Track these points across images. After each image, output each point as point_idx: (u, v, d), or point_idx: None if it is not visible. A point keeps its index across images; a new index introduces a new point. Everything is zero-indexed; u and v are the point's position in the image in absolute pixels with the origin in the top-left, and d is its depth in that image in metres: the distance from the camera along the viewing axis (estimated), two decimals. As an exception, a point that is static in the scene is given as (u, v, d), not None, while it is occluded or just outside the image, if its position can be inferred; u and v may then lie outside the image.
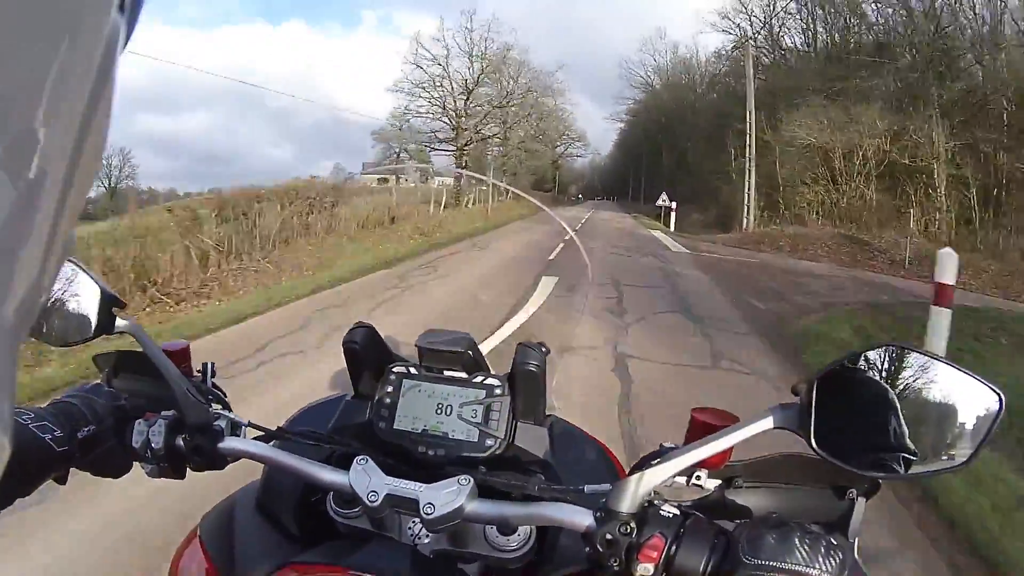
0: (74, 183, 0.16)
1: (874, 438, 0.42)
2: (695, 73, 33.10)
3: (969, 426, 0.41)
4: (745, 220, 17.29)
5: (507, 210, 19.05)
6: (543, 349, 0.64)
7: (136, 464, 0.63)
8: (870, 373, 0.43)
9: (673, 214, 19.97)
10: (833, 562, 0.41)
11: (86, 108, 0.16)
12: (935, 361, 0.42)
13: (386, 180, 21.96)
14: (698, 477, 0.51)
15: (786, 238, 14.14)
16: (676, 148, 32.89)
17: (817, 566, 0.40)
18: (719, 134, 23.19)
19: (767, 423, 0.44)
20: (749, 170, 17.37)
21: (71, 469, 0.58)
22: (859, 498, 0.48)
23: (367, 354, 0.68)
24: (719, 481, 0.51)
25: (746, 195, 17.44)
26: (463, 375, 0.66)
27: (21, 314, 0.15)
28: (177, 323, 4.71)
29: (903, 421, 0.42)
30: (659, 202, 20.75)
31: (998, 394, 0.41)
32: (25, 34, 0.13)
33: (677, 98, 34.58)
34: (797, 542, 0.41)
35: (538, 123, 31.01)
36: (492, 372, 0.67)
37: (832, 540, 0.42)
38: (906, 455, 0.42)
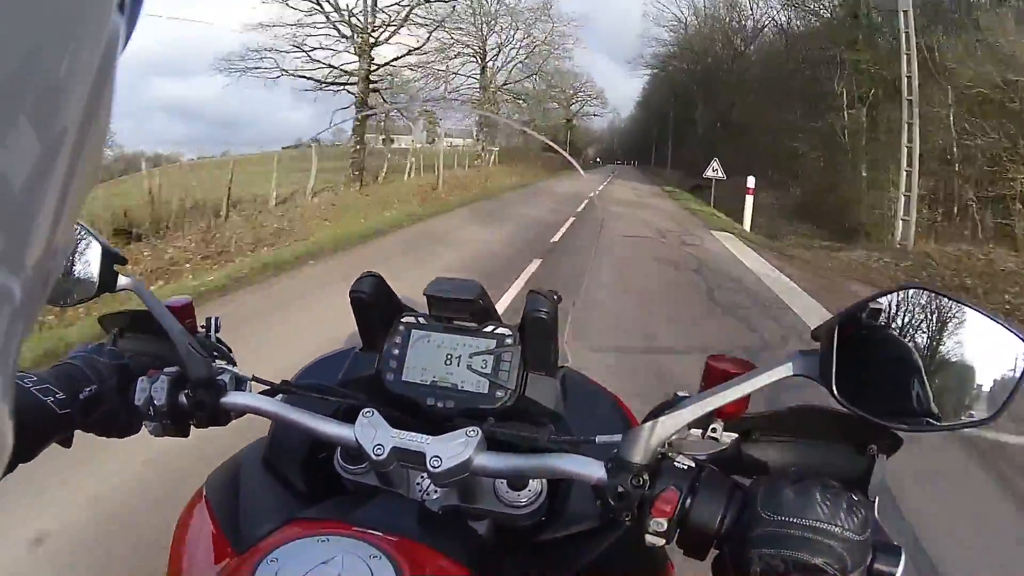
0: (74, 181, 0.16)
1: (897, 388, 0.41)
2: (744, 9, 25.63)
3: (996, 376, 0.39)
4: (900, 226, 9.13)
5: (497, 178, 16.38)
6: (555, 297, 0.63)
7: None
8: (893, 318, 0.41)
9: (712, 192, 13.79)
10: (855, 519, 0.39)
11: (86, 108, 0.16)
12: (961, 306, 0.40)
13: (391, 140, 20.39)
14: (714, 430, 0.49)
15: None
16: (716, 102, 26.26)
17: (839, 522, 0.39)
18: (793, 81, 16.48)
19: (786, 370, 0.43)
20: (911, 134, 8.82)
21: (76, 432, 0.58)
22: (880, 455, 0.46)
23: (375, 304, 0.67)
24: (735, 435, 0.49)
25: (903, 180, 9.02)
26: (473, 324, 0.65)
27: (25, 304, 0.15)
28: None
29: (927, 371, 0.40)
30: (708, 172, 13.37)
31: None
32: (25, 34, 0.13)
33: (719, 39, 27.62)
34: (818, 497, 0.40)
35: (528, 57, 25.44)
36: (503, 321, 0.66)
37: (853, 496, 0.40)
38: (929, 408, 0.40)
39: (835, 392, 0.41)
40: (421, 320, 0.67)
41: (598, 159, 63.98)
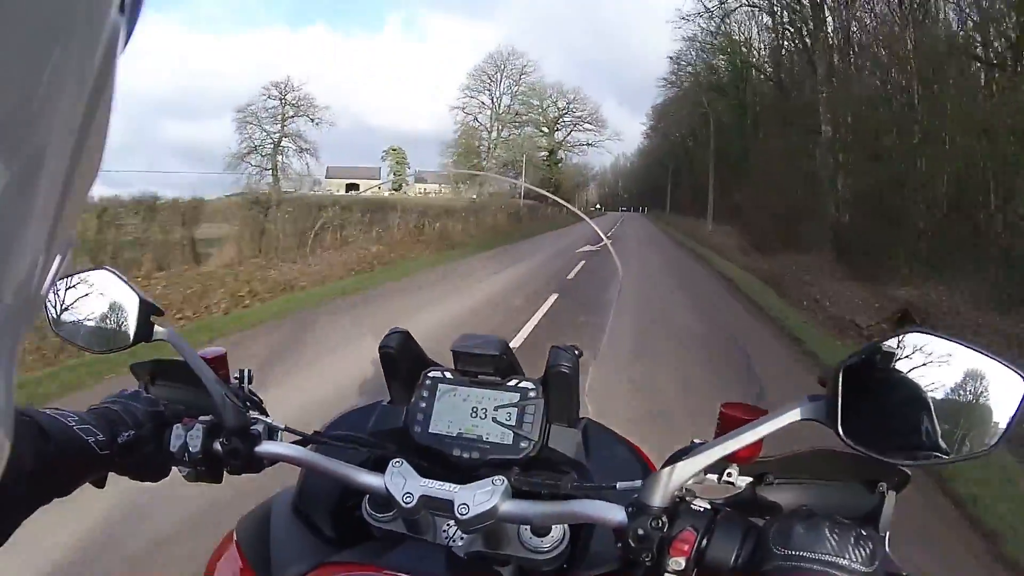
0: (75, 182, 0.17)
1: (902, 427, 0.44)
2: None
3: (995, 409, 0.42)
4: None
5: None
6: (576, 352, 0.67)
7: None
8: (894, 361, 0.44)
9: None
10: (863, 552, 0.42)
11: (86, 108, 0.16)
12: (958, 345, 0.43)
13: (356, 187, 20.67)
14: (729, 474, 0.52)
15: None
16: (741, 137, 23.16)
17: (847, 556, 0.41)
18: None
19: (794, 415, 0.46)
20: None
21: (110, 473, 0.60)
22: (889, 491, 0.49)
23: (403, 359, 0.70)
24: (750, 479, 0.52)
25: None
26: (497, 379, 0.68)
27: (19, 305, 0.15)
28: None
29: (930, 408, 0.43)
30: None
31: (1022, 376, 0.42)
32: (25, 34, 0.13)
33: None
34: (827, 532, 0.42)
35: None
36: (525, 375, 0.69)
37: (862, 531, 0.43)
38: (934, 442, 0.43)
39: (841, 434, 0.43)
40: (447, 375, 0.70)
41: (599, 205, 59.00)
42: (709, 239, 18.13)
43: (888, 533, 0.47)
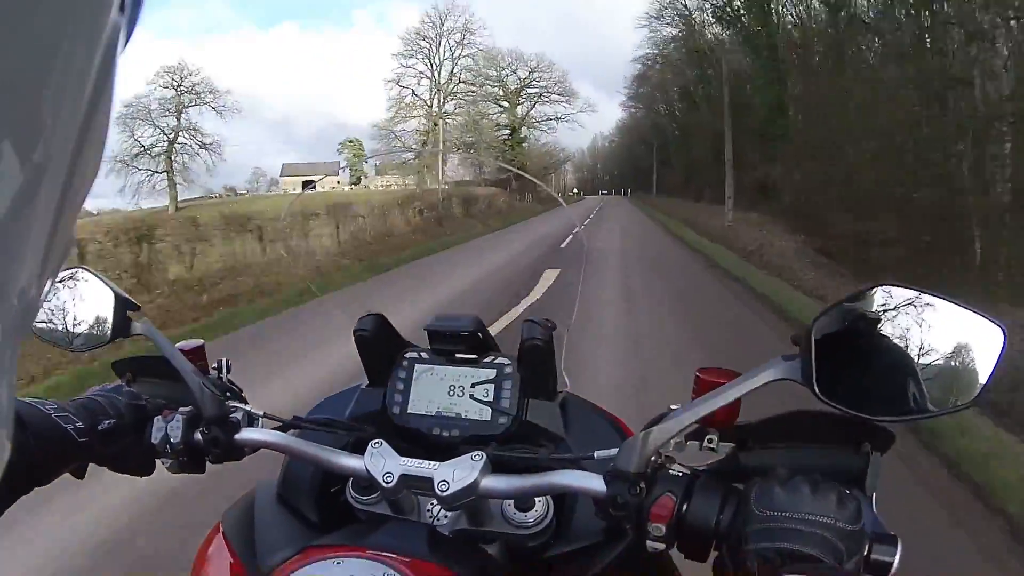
0: (75, 181, 0.17)
1: (880, 383, 0.43)
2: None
3: (974, 362, 0.41)
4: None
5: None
6: (549, 324, 0.67)
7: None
8: (868, 316, 0.43)
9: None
10: (847, 511, 0.42)
11: (86, 108, 0.16)
12: (932, 297, 0.42)
13: (311, 183, 20.14)
14: (710, 440, 0.52)
15: None
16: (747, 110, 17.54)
17: (830, 514, 0.41)
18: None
19: (769, 375, 0.45)
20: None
21: (91, 464, 0.61)
22: (874, 452, 0.48)
23: (378, 342, 0.71)
24: (731, 444, 0.52)
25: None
26: (473, 356, 0.69)
27: (23, 307, 0.16)
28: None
29: (908, 363, 0.42)
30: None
31: (1001, 327, 0.41)
32: (25, 34, 0.14)
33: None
34: (808, 491, 0.42)
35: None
36: (501, 351, 0.69)
37: (845, 490, 0.43)
38: (915, 397, 0.42)
39: (817, 392, 0.43)
40: (423, 355, 0.71)
41: (576, 189, 56.37)
42: (734, 237, 11.38)
43: (875, 494, 0.47)
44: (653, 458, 0.49)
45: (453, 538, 0.60)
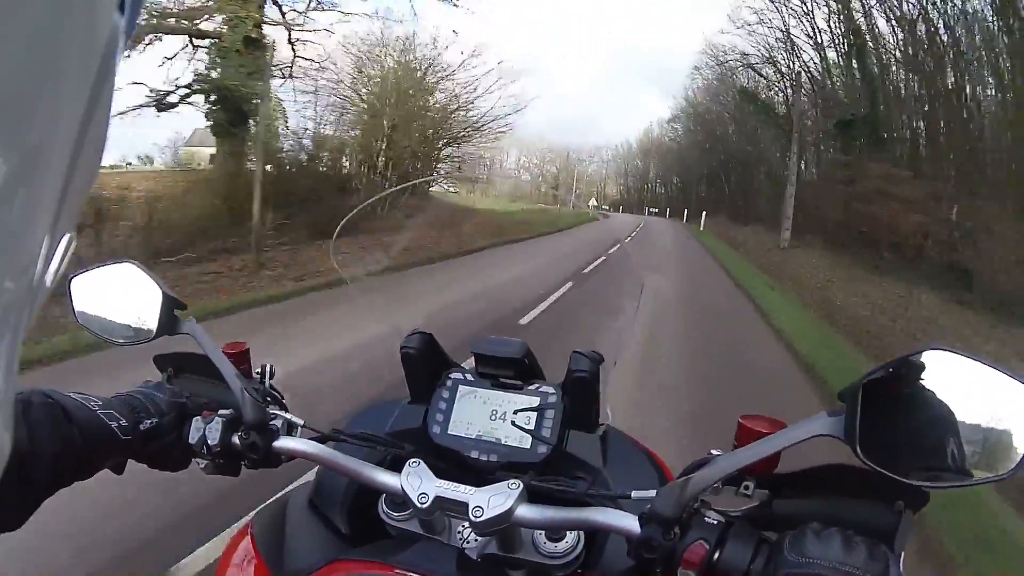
0: (75, 180, 0.17)
1: (921, 447, 0.44)
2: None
3: (1016, 432, 0.42)
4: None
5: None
6: (597, 357, 0.68)
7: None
8: (915, 379, 0.44)
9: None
10: (878, 564, 0.43)
11: (86, 107, 0.17)
12: (980, 365, 0.43)
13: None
14: (746, 487, 0.53)
15: None
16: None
17: (861, 566, 0.43)
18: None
19: (812, 430, 0.47)
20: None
21: (129, 460, 0.62)
22: (907, 510, 0.49)
23: (424, 360, 0.73)
24: (766, 492, 0.53)
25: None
26: (518, 382, 0.70)
27: (20, 291, 0.16)
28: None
29: (950, 428, 0.43)
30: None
31: None
32: (25, 34, 0.14)
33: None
34: (841, 542, 0.44)
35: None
36: (546, 380, 0.71)
37: (877, 546, 0.45)
38: (954, 464, 0.43)
39: (859, 452, 0.44)
40: (468, 376, 0.73)
41: (596, 203, 48.21)
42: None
43: (903, 554, 0.48)
44: (690, 503, 0.50)
45: (481, 563, 0.61)
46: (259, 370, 0.72)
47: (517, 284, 7.90)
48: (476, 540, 0.64)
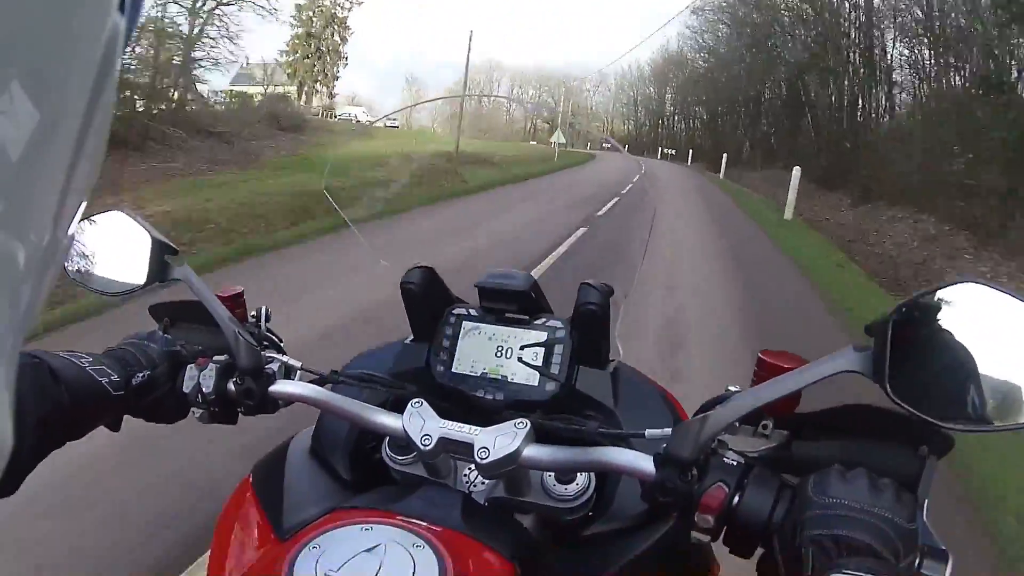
0: (75, 180, 0.17)
1: (950, 387, 0.43)
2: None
3: None
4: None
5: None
6: (606, 289, 0.66)
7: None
8: (948, 314, 0.42)
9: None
10: (904, 509, 0.42)
11: (87, 107, 0.17)
12: (1019, 302, 0.41)
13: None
14: (764, 426, 0.52)
15: None
16: None
17: (888, 507, 0.42)
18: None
19: (839, 366, 0.45)
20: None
21: (125, 416, 0.62)
22: (930, 456, 0.48)
23: (426, 296, 0.71)
24: (785, 432, 0.52)
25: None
26: (524, 316, 0.69)
27: (39, 250, 0.16)
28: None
29: (982, 368, 0.41)
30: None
31: None
32: (25, 34, 0.14)
33: None
34: (868, 484, 0.43)
35: None
36: (554, 314, 0.69)
37: (903, 489, 0.43)
38: (983, 406, 0.42)
39: (888, 391, 0.43)
40: (472, 312, 0.71)
41: (560, 140, 29.99)
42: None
43: (927, 501, 0.47)
44: (707, 443, 0.48)
45: (488, 508, 0.60)
46: (254, 313, 0.71)
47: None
48: (483, 483, 0.63)
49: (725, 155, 24.05)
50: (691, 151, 36.39)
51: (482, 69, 64.01)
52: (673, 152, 41.39)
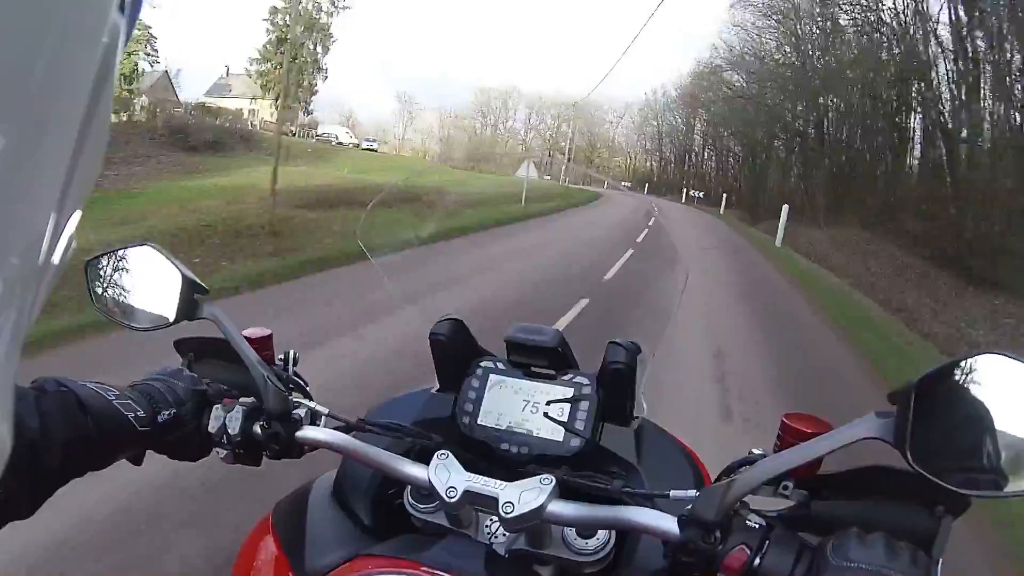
0: (75, 180, 0.18)
1: (967, 453, 0.45)
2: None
3: None
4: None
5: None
6: (634, 348, 0.68)
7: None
8: (969, 384, 0.44)
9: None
10: (920, 572, 0.44)
11: (87, 107, 0.17)
12: None
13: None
14: (785, 487, 0.54)
15: None
16: None
17: (905, 572, 0.44)
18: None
19: (861, 432, 0.47)
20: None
21: (148, 451, 0.64)
22: (946, 515, 0.50)
23: (454, 347, 0.74)
24: (805, 492, 0.55)
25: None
26: (551, 372, 0.71)
27: (26, 271, 0.17)
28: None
29: (1001, 435, 0.43)
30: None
31: None
32: (26, 34, 0.14)
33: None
34: (884, 547, 0.45)
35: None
36: (580, 370, 0.72)
37: (919, 551, 0.46)
38: (999, 473, 0.44)
39: (909, 458, 0.45)
40: (500, 365, 0.73)
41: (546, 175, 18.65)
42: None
43: (941, 560, 0.49)
44: (731, 505, 0.51)
45: (509, 560, 0.63)
46: (282, 356, 0.74)
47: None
48: (504, 535, 0.66)
49: (786, 207, 15.47)
50: (725, 195, 28.36)
51: (499, 93, 58.51)
52: (701, 194, 34.74)
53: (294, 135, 28.46)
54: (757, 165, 27.71)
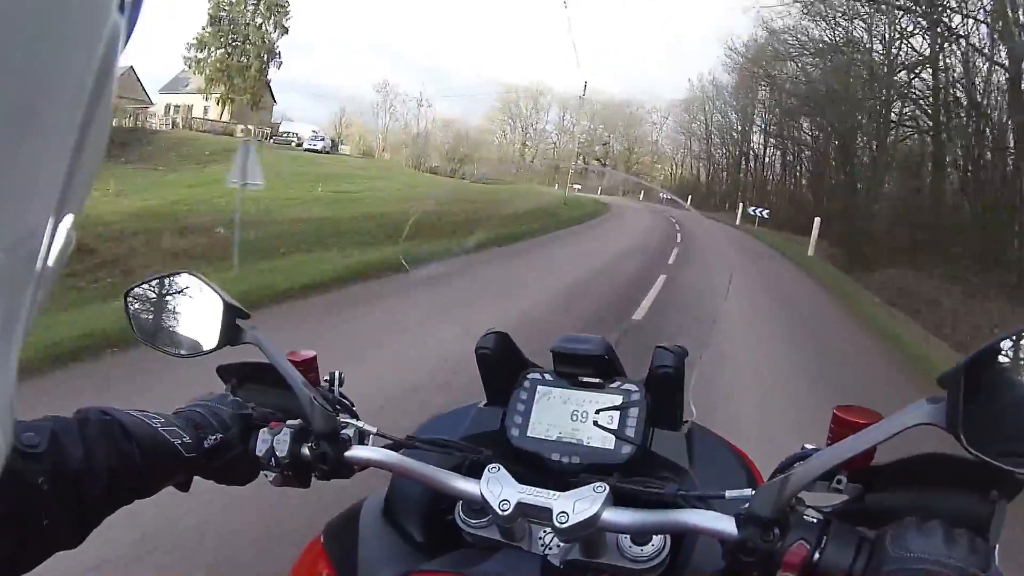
0: (75, 180, 0.20)
1: (1019, 431, 0.50)
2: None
3: None
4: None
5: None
6: (681, 351, 0.77)
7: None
8: (1017, 360, 0.49)
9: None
10: (979, 558, 0.50)
11: (87, 107, 0.19)
12: None
13: None
14: (839, 481, 0.60)
15: None
16: None
17: (964, 559, 0.49)
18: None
19: (913, 419, 0.53)
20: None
21: (195, 477, 0.72)
22: (1001, 499, 0.54)
23: (500, 360, 0.84)
24: (859, 485, 0.60)
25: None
26: (599, 380, 0.81)
27: (14, 267, 0.18)
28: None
29: None
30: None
31: None
32: (26, 34, 0.16)
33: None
34: (943, 536, 0.51)
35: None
36: (628, 377, 0.81)
37: (977, 537, 0.51)
38: None
39: (964, 441, 0.50)
40: (547, 376, 0.84)
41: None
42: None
43: (997, 545, 0.53)
44: (787, 501, 0.56)
45: (565, 570, 0.70)
46: (327, 377, 0.83)
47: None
48: (558, 546, 0.73)
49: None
50: (818, 220, 19.46)
51: (528, 93, 59.19)
52: (766, 213, 27.49)
53: (252, 133, 27.33)
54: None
